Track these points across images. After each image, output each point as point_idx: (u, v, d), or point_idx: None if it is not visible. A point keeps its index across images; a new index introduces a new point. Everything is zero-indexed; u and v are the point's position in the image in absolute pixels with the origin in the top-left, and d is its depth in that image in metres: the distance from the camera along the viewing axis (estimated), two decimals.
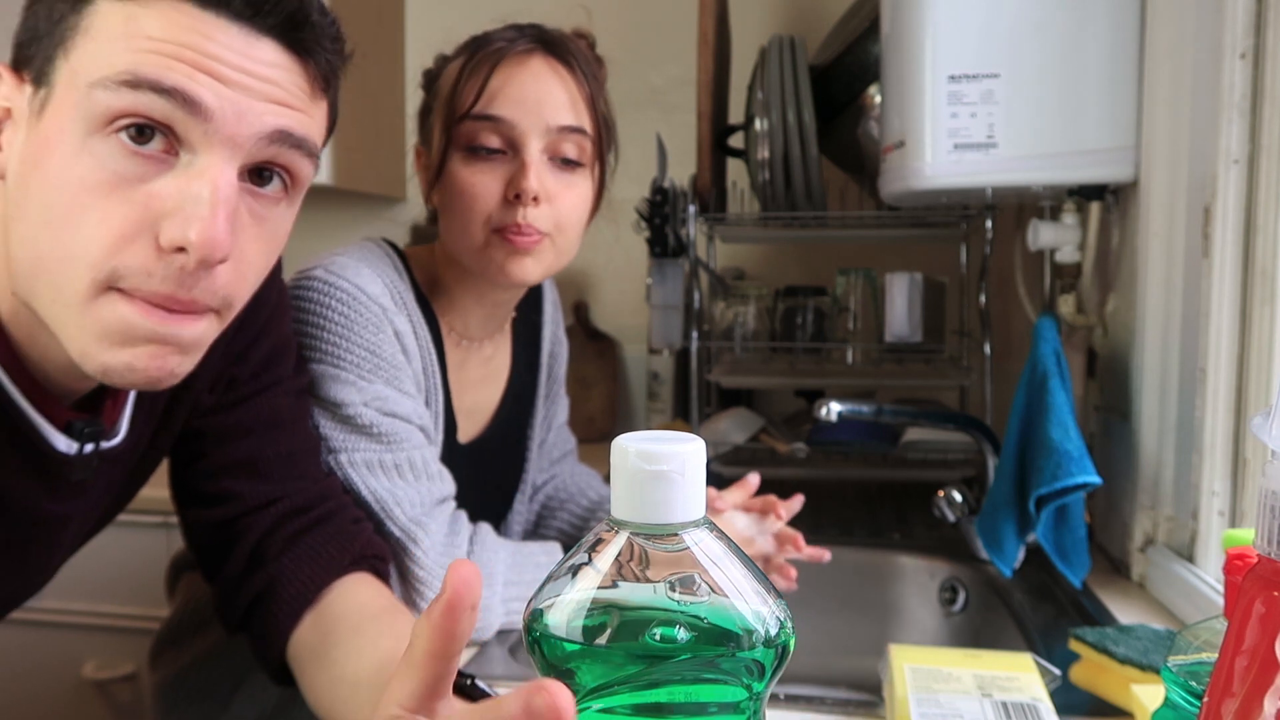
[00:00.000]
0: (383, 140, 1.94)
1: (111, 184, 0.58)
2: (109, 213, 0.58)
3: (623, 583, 0.41)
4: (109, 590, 1.60)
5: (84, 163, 0.58)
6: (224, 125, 0.59)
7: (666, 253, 1.59)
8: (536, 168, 0.91)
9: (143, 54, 0.57)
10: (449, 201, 0.94)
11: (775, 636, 0.41)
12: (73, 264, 0.58)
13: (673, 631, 0.40)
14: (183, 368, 0.63)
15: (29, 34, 0.61)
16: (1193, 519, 1.00)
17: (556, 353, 1.21)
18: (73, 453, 0.69)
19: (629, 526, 0.42)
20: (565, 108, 0.93)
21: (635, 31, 1.94)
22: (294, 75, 0.62)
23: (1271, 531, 0.38)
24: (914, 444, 1.56)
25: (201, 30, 0.58)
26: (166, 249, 0.59)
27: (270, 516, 0.82)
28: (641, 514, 0.42)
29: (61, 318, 0.60)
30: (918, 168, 1.15)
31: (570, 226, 0.95)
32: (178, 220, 0.58)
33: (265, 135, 0.61)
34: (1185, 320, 1.02)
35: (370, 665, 0.70)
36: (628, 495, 0.42)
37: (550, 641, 0.41)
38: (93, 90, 0.57)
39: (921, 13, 1.13)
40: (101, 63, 0.57)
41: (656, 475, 0.41)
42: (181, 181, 0.59)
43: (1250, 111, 0.94)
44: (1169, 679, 0.50)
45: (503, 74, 0.92)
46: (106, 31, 0.58)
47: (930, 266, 1.60)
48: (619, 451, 0.42)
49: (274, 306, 0.83)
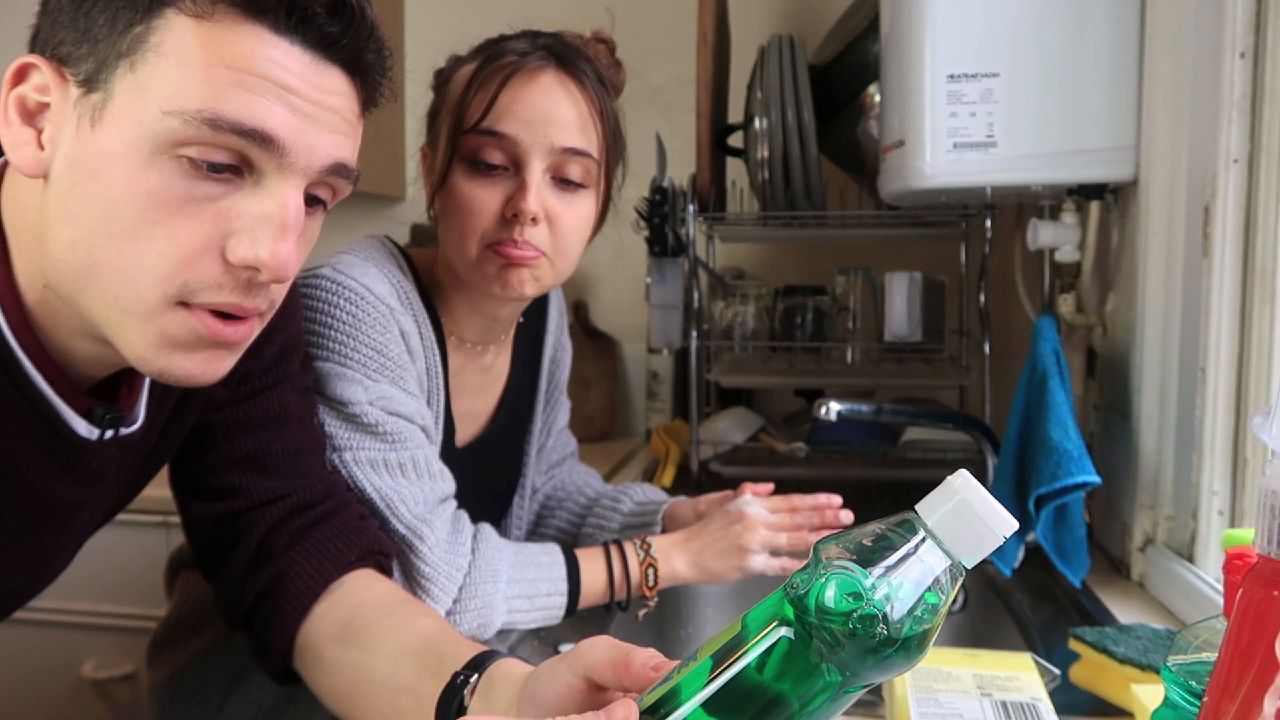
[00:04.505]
0: (383, 140, 1.94)
1: (181, 201, 0.59)
2: (177, 229, 0.59)
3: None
4: (108, 590, 1.59)
5: (152, 179, 0.58)
6: (298, 159, 0.61)
7: (666, 252, 1.59)
8: (537, 188, 0.90)
9: (222, 88, 0.57)
10: (449, 213, 0.93)
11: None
12: (139, 275, 0.59)
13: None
14: (229, 365, 0.66)
15: (78, 33, 0.60)
16: (1193, 519, 1.00)
17: (559, 359, 1.20)
18: (93, 438, 0.69)
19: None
20: (572, 128, 0.91)
21: (635, 31, 1.93)
22: (351, 101, 0.64)
23: (1271, 531, 0.38)
24: (913, 443, 1.56)
25: (278, 61, 0.59)
26: (236, 266, 0.61)
27: (276, 512, 0.82)
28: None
29: (121, 323, 0.61)
30: (917, 167, 1.15)
31: (570, 247, 0.94)
32: (247, 240, 0.60)
33: (327, 168, 0.63)
34: (1185, 320, 1.02)
35: (417, 638, 0.72)
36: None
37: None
38: (167, 117, 0.57)
39: (921, 12, 1.13)
40: (178, 90, 0.57)
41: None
42: (252, 202, 0.61)
43: (1250, 111, 0.93)
44: (1169, 679, 0.50)
45: (512, 90, 0.90)
46: (180, 55, 0.58)
47: (930, 266, 1.60)
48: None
49: (286, 304, 0.84)
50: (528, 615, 0.94)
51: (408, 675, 0.70)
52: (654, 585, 0.97)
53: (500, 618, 0.93)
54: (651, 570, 0.97)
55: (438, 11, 2.04)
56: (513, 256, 0.91)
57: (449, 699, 0.65)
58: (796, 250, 1.95)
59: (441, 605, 0.89)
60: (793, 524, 1.01)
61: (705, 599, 1.26)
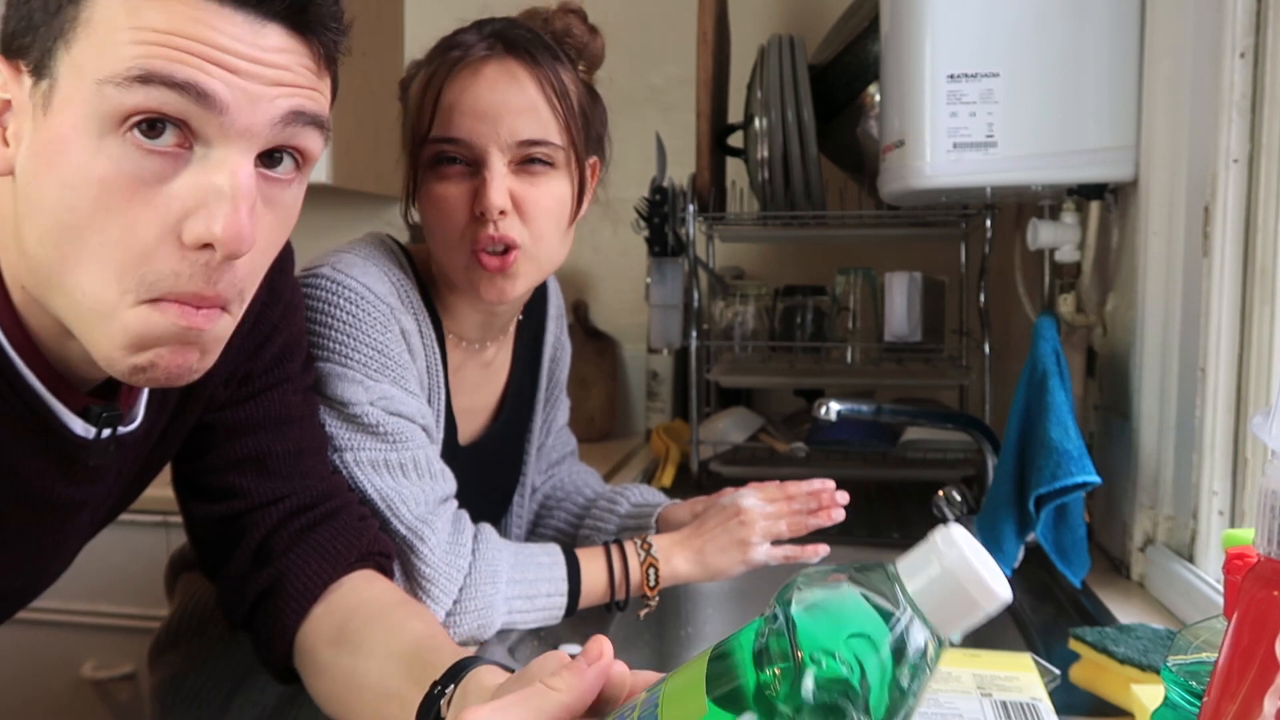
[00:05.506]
0: (382, 139, 1.94)
1: (131, 187, 0.58)
2: (132, 218, 0.58)
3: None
4: (108, 590, 1.59)
5: (101, 164, 0.57)
6: (239, 116, 0.58)
7: (666, 252, 1.59)
8: (498, 182, 0.89)
9: (150, 47, 0.56)
10: (426, 219, 0.94)
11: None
12: (99, 271, 0.58)
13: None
14: (202, 364, 0.64)
15: (23, 23, 0.60)
16: (1193, 519, 1.00)
17: (559, 357, 1.20)
18: (90, 437, 0.69)
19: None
20: (525, 118, 0.90)
21: (635, 31, 1.94)
22: (301, 57, 0.61)
23: (1271, 531, 0.38)
24: (913, 443, 1.56)
25: (207, 21, 0.57)
26: (191, 246, 0.59)
27: (277, 513, 0.82)
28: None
29: (89, 322, 0.60)
30: (917, 167, 1.15)
31: (545, 231, 0.93)
32: (201, 216, 0.58)
33: (279, 119, 0.60)
34: (1185, 319, 1.02)
35: (404, 642, 0.72)
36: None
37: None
38: (102, 87, 0.56)
39: (921, 12, 1.13)
40: (108, 57, 0.56)
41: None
42: (200, 176, 0.58)
43: (1250, 111, 0.93)
44: (1169, 679, 0.50)
45: (456, 87, 0.89)
46: (109, 24, 0.57)
47: (930, 266, 1.60)
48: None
49: (288, 302, 0.84)
50: (528, 615, 0.94)
51: (394, 681, 0.70)
52: (655, 585, 0.97)
53: (500, 618, 0.93)
54: (652, 570, 0.97)
55: (437, 11, 2.03)
56: (490, 264, 0.91)
57: (427, 708, 0.65)
58: (796, 250, 1.95)
59: (442, 606, 0.89)
60: (790, 510, 1.01)
61: (705, 599, 1.26)
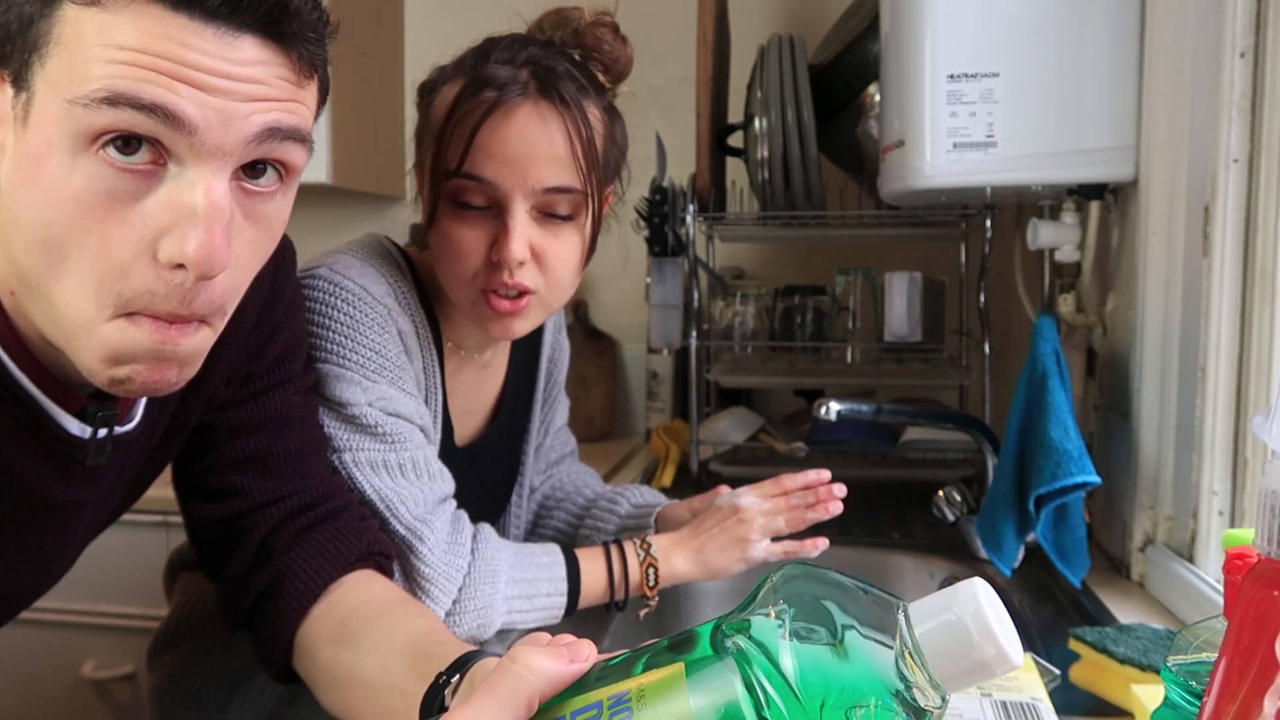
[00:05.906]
0: (382, 140, 1.94)
1: (106, 204, 0.57)
2: (107, 235, 0.57)
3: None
4: (108, 590, 1.59)
5: (76, 182, 0.57)
6: (210, 136, 0.57)
7: (666, 252, 1.59)
8: (520, 230, 0.89)
9: (117, 66, 0.55)
10: (439, 252, 0.93)
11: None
12: (77, 286, 0.58)
13: None
14: (181, 377, 0.63)
15: (4, 32, 0.59)
16: (1193, 519, 1.00)
17: (557, 359, 1.20)
18: (85, 436, 0.69)
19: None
20: (553, 165, 0.89)
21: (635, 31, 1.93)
22: (278, 68, 0.59)
23: (1271, 531, 0.38)
24: (913, 443, 1.56)
25: (176, 37, 0.55)
26: (165, 265, 0.58)
27: (277, 513, 0.82)
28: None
29: (67, 333, 0.60)
30: (917, 167, 1.15)
31: (560, 280, 0.93)
32: (174, 237, 0.57)
33: (254, 137, 0.59)
34: (1185, 319, 1.02)
35: (406, 639, 0.72)
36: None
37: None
38: (72, 108, 0.56)
39: (921, 12, 1.13)
40: (76, 77, 0.56)
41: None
42: (173, 194, 0.57)
43: (1250, 111, 0.93)
44: (1169, 679, 0.50)
45: (489, 128, 0.88)
46: (78, 40, 0.56)
47: (930, 266, 1.60)
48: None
49: (290, 302, 0.84)
50: (528, 615, 0.94)
51: (396, 675, 0.70)
52: (654, 585, 0.97)
53: (500, 618, 0.93)
54: (652, 570, 0.97)
55: (437, 11, 2.03)
56: (500, 309, 0.91)
57: (431, 699, 0.65)
58: (796, 250, 1.95)
59: (441, 606, 0.89)
60: (788, 506, 1.01)
61: (706, 598, 1.26)
